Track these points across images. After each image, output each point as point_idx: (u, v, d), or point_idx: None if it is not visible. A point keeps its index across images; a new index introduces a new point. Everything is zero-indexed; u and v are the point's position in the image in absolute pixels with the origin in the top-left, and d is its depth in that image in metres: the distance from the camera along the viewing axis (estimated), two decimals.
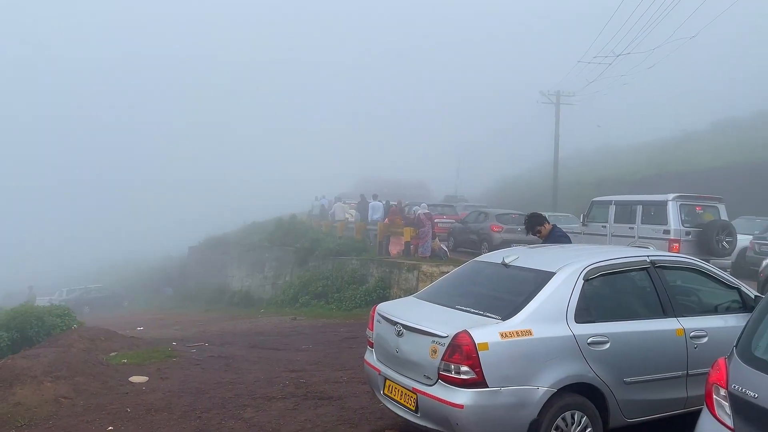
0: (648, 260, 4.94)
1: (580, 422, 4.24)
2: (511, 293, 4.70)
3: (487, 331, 4.12)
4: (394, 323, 4.68)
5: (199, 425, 5.57)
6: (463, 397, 4.00)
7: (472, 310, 4.53)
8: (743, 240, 14.93)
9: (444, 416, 4.10)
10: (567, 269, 4.58)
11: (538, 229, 7.02)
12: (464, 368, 4.02)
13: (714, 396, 3.33)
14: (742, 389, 3.14)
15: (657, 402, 4.58)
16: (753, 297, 5.13)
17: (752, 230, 16.41)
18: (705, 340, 4.72)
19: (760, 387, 3.05)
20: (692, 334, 4.71)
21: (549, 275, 4.56)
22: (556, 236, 6.93)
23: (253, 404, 6.16)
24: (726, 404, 3.24)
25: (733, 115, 39.86)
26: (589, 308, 4.48)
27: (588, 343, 4.30)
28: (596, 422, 4.30)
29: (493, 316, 4.34)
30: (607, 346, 4.36)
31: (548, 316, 4.34)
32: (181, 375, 7.57)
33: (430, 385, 4.24)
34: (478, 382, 4.00)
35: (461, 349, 4.05)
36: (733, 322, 4.79)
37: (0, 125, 79.02)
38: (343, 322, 13.87)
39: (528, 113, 40.33)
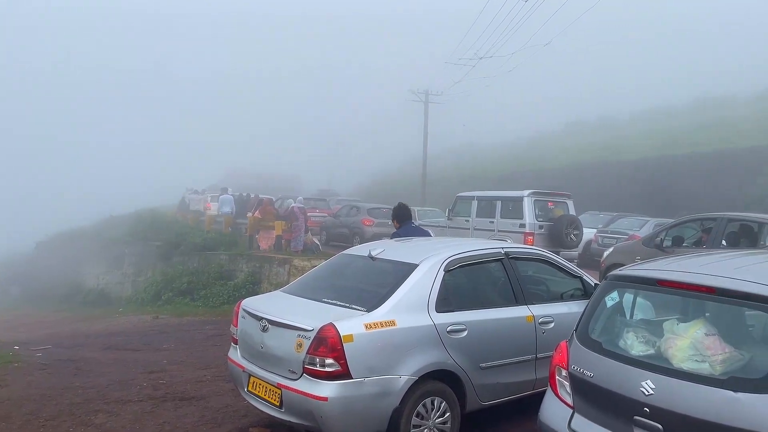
0: (503, 252, 5.24)
1: (440, 408, 4.41)
2: (376, 285, 4.78)
3: (352, 323, 4.16)
4: (259, 318, 4.59)
5: None
6: (327, 389, 4.01)
7: (339, 303, 4.55)
8: (589, 233, 16.38)
9: (308, 410, 4.08)
10: (429, 261, 4.74)
11: (394, 221, 7.30)
12: (329, 361, 4.03)
13: (557, 377, 3.61)
14: (580, 369, 3.43)
15: (509, 385, 4.88)
16: (593, 285, 5.61)
17: (596, 224, 18.08)
18: (552, 325, 5.10)
19: (595, 367, 3.35)
20: (541, 320, 5.06)
21: (412, 267, 4.70)
22: (400, 231, 7.18)
23: (105, 409, 5.75)
24: (567, 384, 3.52)
25: (581, 118, 43.58)
26: (449, 298, 4.67)
27: (447, 332, 4.49)
28: (454, 407, 4.49)
29: (359, 308, 4.39)
30: (465, 333, 4.57)
31: (411, 306, 4.46)
32: (24, 381, 6.89)
33: (295, 380, 4.20)
34: (343, 373, 4.03)
35: (326, 342, 4.05)
36: (576, 308, 5.19)
37: None
38: (209, 319, 13.39)
39: (400, 110, 41.44)
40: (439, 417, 4.41)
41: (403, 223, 7.24)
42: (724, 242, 9.30)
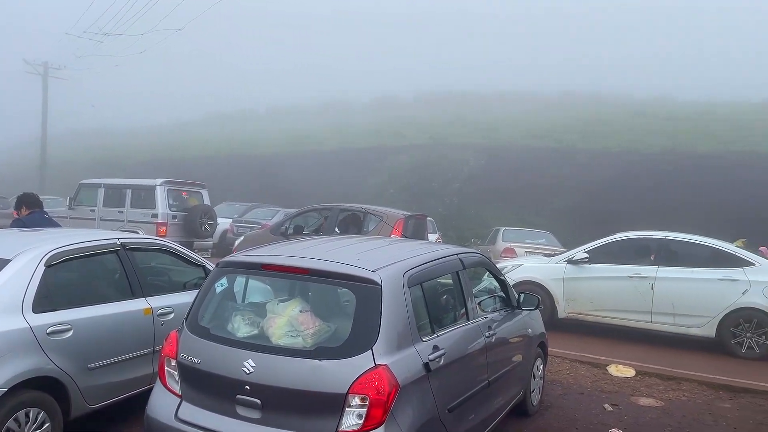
0: (118, 243, 4.92)
1: (37, 419, 3.91)
2: None
3: None
4: None
5: None
6: None
7: None
8: (225, 223, 16.73)
9: None
10: (25, 255, 4.15)
11: (21, 208, 6.40)
12: None
13: (165, 368, 3.55)
14: (188, 357, 3.43)
15: (123, 382, 4.61)
16: None
17: (233, 214, 18.61)
18: (171, 316, 4.99)
19: (202, 353, 3.40)
20: (159, 311, 4.92)
21: (3, 263, 4.06)
22: (25, 219, 6.31)
23: None
24: (176, 373, 3.49)
25: (221, 109, 44.25)
26: (51, 296, 4.18)
27: (48, 334, 4.00)
28: (55, 416, 4.03)
29: None
30: (70, 334, 4.14)
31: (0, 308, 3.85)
32: None
33: None
34: None
35: None
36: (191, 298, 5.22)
37: None
38: None
39: (14, 84, 35.65)
40: (36, 430, 3.91)
41: (31, 210, 6.32)
42: (337, 229, 10.56)
